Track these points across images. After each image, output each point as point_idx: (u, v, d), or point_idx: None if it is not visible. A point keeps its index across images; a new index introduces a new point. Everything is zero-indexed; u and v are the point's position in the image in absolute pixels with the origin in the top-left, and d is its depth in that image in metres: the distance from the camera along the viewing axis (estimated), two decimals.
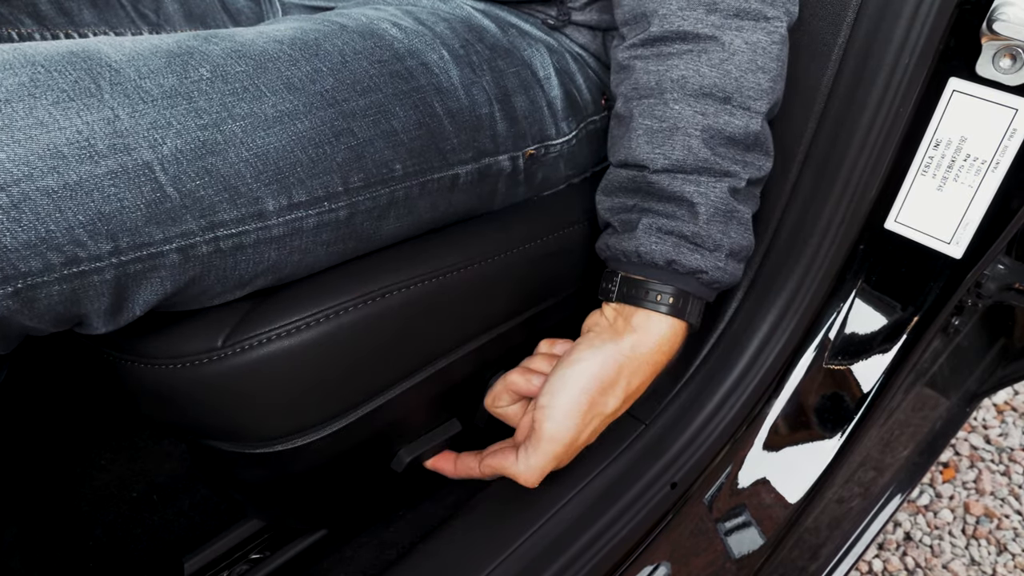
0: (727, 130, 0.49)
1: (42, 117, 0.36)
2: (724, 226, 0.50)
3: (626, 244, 0.52)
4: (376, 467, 0.61)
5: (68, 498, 0.79)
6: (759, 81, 0.49)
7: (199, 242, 0.41)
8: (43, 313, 0.38)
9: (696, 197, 0.49)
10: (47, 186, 0.35)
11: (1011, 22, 0.49)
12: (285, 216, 0.44)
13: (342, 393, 0.52)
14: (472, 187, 0.56)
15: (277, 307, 0.48)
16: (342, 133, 0.46)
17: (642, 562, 0.57)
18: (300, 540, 0.70)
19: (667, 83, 0.49)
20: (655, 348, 0.52)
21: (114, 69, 0.39)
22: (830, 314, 0.64)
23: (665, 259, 0.50)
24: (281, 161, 0.43)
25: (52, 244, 0.36)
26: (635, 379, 0.52)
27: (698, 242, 0.50)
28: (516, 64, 0.58)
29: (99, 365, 0.48)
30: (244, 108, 0.42)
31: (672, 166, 0.49)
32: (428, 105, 0.51)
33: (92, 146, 0.37)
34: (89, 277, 0.38)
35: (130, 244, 0.39)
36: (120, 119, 0.38)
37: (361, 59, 0.49)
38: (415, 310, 0.52)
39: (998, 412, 1.32)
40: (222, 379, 0.46)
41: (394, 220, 0.52)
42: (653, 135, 0.50)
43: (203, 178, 0.40)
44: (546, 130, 0.60)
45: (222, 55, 0.43)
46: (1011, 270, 0.69)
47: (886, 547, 1.11)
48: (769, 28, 0.49)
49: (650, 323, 0.51)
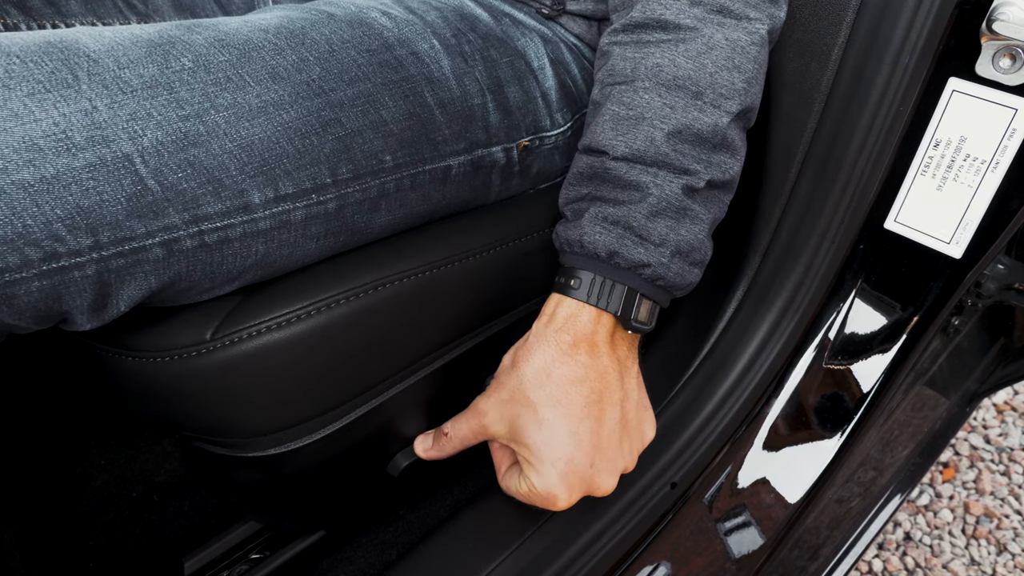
0: (695, 127, 0.47)
1: (17, 109, 0.35)
2: (674, 223, 0.48)
3: (571, 233, 0.49)
4: (372, 471, 0.61)
5: (68, 498, 0.79)
6: (733, 80, 0.47)
7: (183, 236, 0.40)
8: (23, 310, 0.37)
9: (650, 187, 0.47)
10: (23, 179, 0.34)
11: (1011, 22, 0.49)
12: (272, 209, 0.44)
13: (334, 388, 0.51)
14: (465, 179, 0.55)
15: (267, 300, 0.47)
16: (329, 123, 0.45)
17: (642, 562, 0.57)
18: (300, 540, 0.70)
19: (641, 70, 0.48)
20: (548, 321, 0.49)
21: (92, 59, 0.38)
22: (830, 314, 0.64)
23: (607, 250, 0.47)
24: (266, 152, 0.42)
25: (29, 239, 0.35)
26: (535, 356, 0.48)
27: (643, 234, 0.47)
28: (509, 54, 0.58)
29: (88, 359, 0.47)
30: (227, 98, 0.41)
31: (631, 155, 0.47)
32: (419, 95, 0.50)
33: (69, 138, 0.36)
34: (69, 273, 0.37)
35: (111, 238, 0.38)
36: (98, 110, 0.37)
37: (349, 48, 0.48)
38: (408, 303, 0.52)
39: (998, 412, 1.32)
40: (211, 373, 0.45)
41: (386, 213, 0.51)
42: (619, 122, 0.48)
43: (185, 170, 0.39)
44: (540, 121, 0.59)
45: (204, 44, 0.42)
46: (1011, 270, 0.69)
47: (886, 547, 1.11)
48: (750, 28, 0.48)
49: (555, 305, 0.49)
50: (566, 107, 0.61)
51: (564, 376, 0.48)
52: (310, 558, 0.69)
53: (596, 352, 0.48)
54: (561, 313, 0.48)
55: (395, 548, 0.68)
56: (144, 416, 0.52)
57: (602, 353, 0.49)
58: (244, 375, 0.46)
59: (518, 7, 0.62)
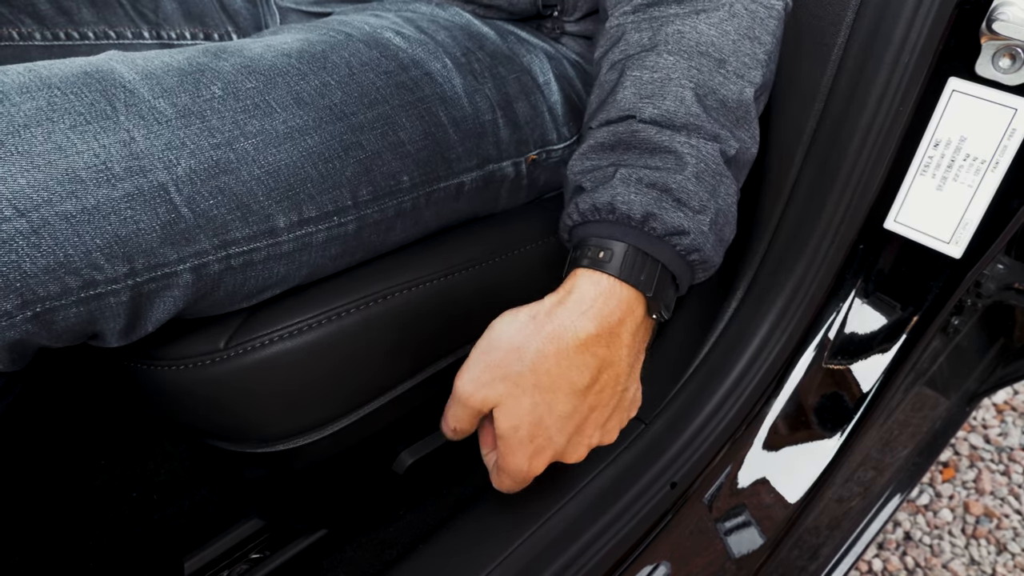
0: (721, 91, 0.44)
1: (60, 142, 0.36)
2: (713, 188, 0.43)
3: (599, 197, 0.43)
4: (377, 468, 0.61)
5: (68, 498, 0.79)
6: (755, 50, 0.46)
7: (211, 260, 0.42)
8: (60, 334, 0.38)
9: (686, 148, 0.43)
10: (66, 211, 0.36)
11: (1011, 22, 0.49)
12: (295, 232, 0.45)
13: (343, 394, 0.52)
14: (477, 194, 0.56)
15: (279, 310, 0.48)
16: (351, 147, 0.46)
17: (642, 562, 0.57)
18: (300, 540, 0.70)
19: (661, 36, 0.45)
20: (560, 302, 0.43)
21: (128, 90, 0.39)
22: (830, 314, 0.64)
23: (643, 212, 0.42)
24: (292, 177, 0.43)
25: (70, 268, 0.36)
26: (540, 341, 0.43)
27: (682, 198, 0.42)
28: (516, 70, 0.58)
29: (104, 367, 0.48)
30: (255, 125, 0.42)
31: (661, 117, 0.44)
32: (433, 115, 0.51)
33: (109, 169, 0.37)
34: (105, 299, 0.38)
35: (145, 265, 0.39)
36: (136, 141, 0.38)
37: (368, 71, 0.49)
38: (417, 312, 0.52)
39: (998, 412, 1.32)
40: (225, 380, 0.46)
41: (401, 231, 0.52)
42: (642, 85, 0.45)
43: (216, 197, 0.41)
44: (547, 135, 0.60)
45: (232, 72, 0.43)
46: (1011, 270, 0.69)
47: (886, 547, 1.11)
48: (767, 3, 0.48)
49: (581, 281, 0.43)
50: (572, 121, 0.62)
51: (571, 367, 0.43)
52: (310, 558, 0.69)
53: (616, 343, 0.44)
54: (587, 292, 0.42)
55: (395, 547, 0.68)
56: (159, 422, 0.53)
57: (623, 344, 0.44)
58: (256, 382, 0.47)
59: (521, 25, 0.63)
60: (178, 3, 0.65)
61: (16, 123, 0.35)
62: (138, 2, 0.64)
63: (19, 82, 0.37)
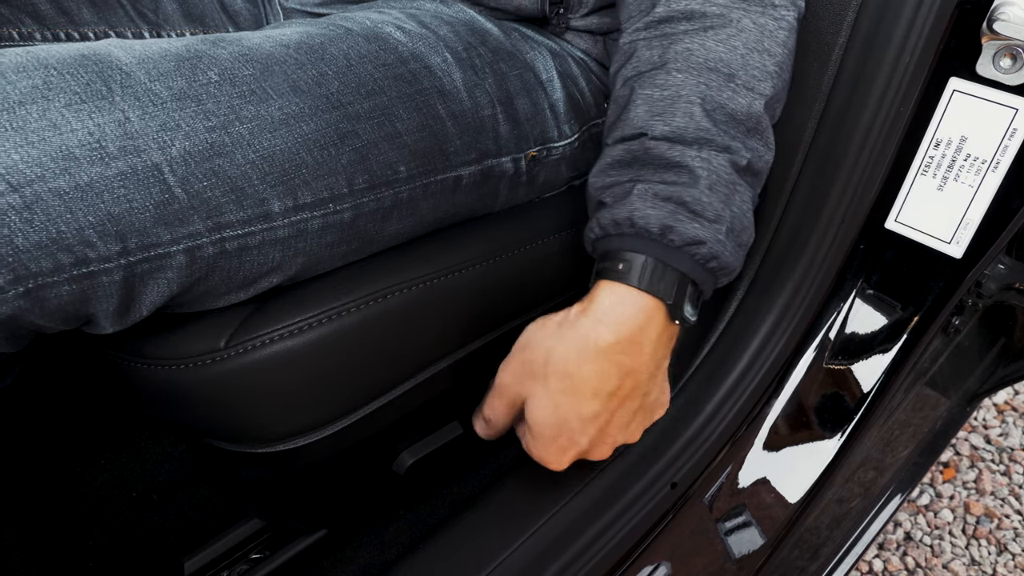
0: (729, 106, 0.46)
1: (55, 119, 0.36)
2: (726, 198, 0.45)
3: (618, 212, 0.46)
4: (378, 468, 0.61)
5: (68, 498, 0.79)
6: (764, 63, 0.47)
7: (205, 243, 0.42)
8: (53, 312, 0.38)
9: (697, 162, 0.45)
10: (59, 187, 0.36)
11: (1011, 22, 0.49)
12: (290, 217, 0.45)
13: (344, 394, 0.52)
14: (475, 188, 0.56)
15: (279, 308, 0.48)
16: (347, 135, 0.46)
17: (642, 562, 0.57)
18: (300, 540, 0.70)
19: (671, 55, 0.47)
20: (583, 311, 0.45)
21: (125, 72, 0.39)
22: (830, 314, 0.64)
23: (661, 225, 0.44)
24: (287, 163, 0.44)
25: (63, 245, 0.36)
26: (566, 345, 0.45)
27: (697, 210, 0.44)
28: (519, 67, 0.58)
29: (103, 366, 0.49)
30: (251, 111, 0.43)
31: (672, 133, 0.46)
32: (431, 107, 0.51)
33: (103, 148, 0.37)
34: (98, 277, 0.38)
35: (138, 245, 0.39)
36: (131, 121, 0.38)
37: (366, 63, 0.49)
38: (417, 311, 0.52)
39: (998, 412, 1.32)
40: (225, 380, 0.46)
41: (397, 221, 0.52)
42: (653, 103, 0.47)
43: (210, 179, 0.41)
44: (548, 132, 0.60)
45: (230, 59, 0.44)
46: (1011, 270, 0.69)
47: (886, 547, 1.11)
48: (776, 15, 0.48)
49: (601, 292, 0.45)
50: (574, 119, 0.62)
51: (593, 373, 0.45)
52: (310, 558, 0.69)
53: (637, 351, 0.46)
54: (605, 301, 0.45)
55: (395, 547, 0.68)
56: (158, 421, 0.53)
57: (644, 352, 0.46)
58: (256, 382, 0.47)
59: (526, 23, 0.63)
60: (178, 3, 0.65)
61: (11, 100, 0.36)
62: (138, 2, 0.64)
63: (16, 62, 0.37)
